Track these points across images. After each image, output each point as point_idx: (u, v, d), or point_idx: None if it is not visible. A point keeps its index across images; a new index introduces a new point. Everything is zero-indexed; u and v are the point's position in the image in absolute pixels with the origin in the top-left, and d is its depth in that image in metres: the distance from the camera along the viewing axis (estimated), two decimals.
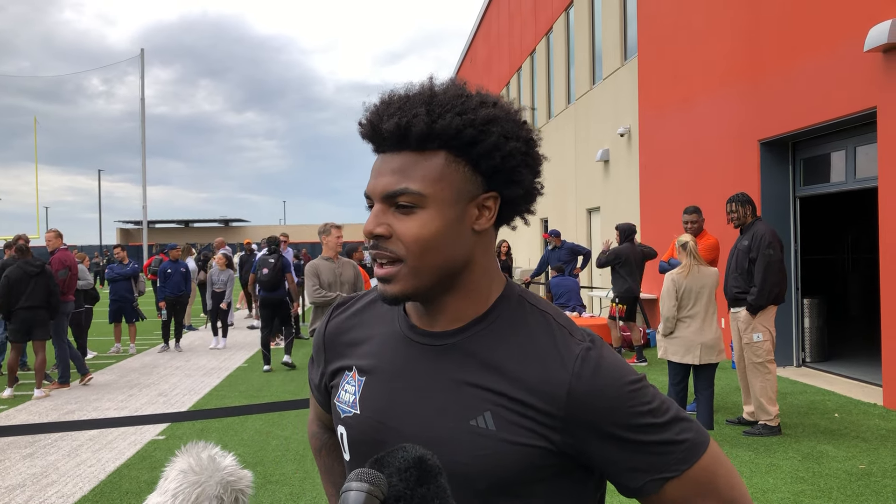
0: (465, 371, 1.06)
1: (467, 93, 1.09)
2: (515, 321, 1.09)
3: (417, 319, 1.13)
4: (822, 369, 8.85)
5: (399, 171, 1.04)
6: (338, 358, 1.22)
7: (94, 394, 8.74)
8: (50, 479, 5.47)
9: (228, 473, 1.05)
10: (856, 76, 7.27)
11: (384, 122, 1.05)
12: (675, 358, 5.81)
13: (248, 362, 10.93)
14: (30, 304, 8.36)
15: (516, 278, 16.98)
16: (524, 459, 1.02)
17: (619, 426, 1.01)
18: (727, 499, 1.06)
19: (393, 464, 0.87)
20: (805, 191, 9.01)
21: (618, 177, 14.24)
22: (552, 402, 1.02)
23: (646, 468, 1.02)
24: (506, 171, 1.07)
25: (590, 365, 1.03)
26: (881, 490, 4.72)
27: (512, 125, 1.08)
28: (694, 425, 1.06)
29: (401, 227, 1.04)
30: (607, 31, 14.84)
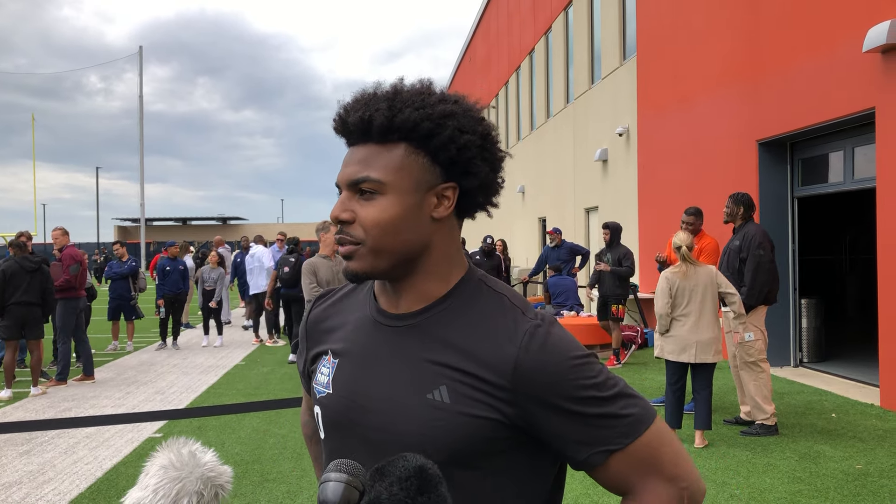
0: (425, 349, 1.13)
1: (430, 91, 1.17)
2: (473, 302, 1.16)
3: (384, 303, 1.21)
4: (819, 369, 8.86)
5: (363, 161, 1.13)
6: (317, 344, 1.30)
7: (91, 391, 8.73)
8: (47, 477, 5.46)
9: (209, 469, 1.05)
10: (854, 77, 7.27)
11: (350, 116, 1.15)
12: (671, 357, 5.81)
13: (245, 360, 10.92)
14: (25, 300, 8.27)
15: (514, 277, 16.99)
16: (478, 431, 1.08)
17: (563, 398, 1.07)
18: (670, 475, 1.11)
19: (394, 473, 0.89)
20: (803, 191, 9.02)
21: (616, 176, 14.24)
22: (501, 375, 1.08)
23: (590, 441, 1.08)
24: (462, 162, 1.14)
25: (537, 340, 1.09)
26: (878, 490, 4.73)
27: (468, 120, 1.15)
28: (640, 402, 1.11)
29: (362, 212, 1.13)
30: (606, 30, 14.83)
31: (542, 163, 20.02)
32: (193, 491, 1.03)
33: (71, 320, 9.08)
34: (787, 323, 9.19)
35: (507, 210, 24.97)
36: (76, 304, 9.15)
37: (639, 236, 12.92)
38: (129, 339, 12.34)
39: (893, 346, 6.86)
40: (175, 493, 1.01)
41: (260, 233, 16.28)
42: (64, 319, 9.02)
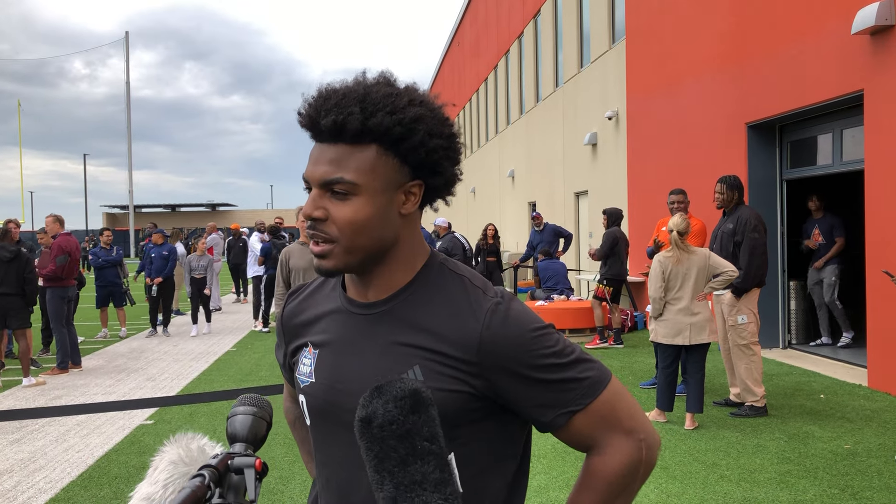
0: (396, 333, 1.21)
1: (397, 91, 1.19)
2: (436, 285, 1.24)
3: (354, 293, 1.28)
4: (807, 351, 8.93)
5: (335, 162, 1.16)
6: (295, 338, 1.36)
7: (81, 379, 8.70)
8: (38, 465, 5.45)
9: None
10: (843, 59, 7.28)
11: (322, 117, 1.16)
12: (665, 340, 5.83)
13: (236, 346, 10.91)
14: (3, 291, 8.12)
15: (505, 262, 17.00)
16: (451, 404, 1.15)
17: (525, 366, 1.16)
18: (628, 428, 1.20)
19: (390, 392, 0.95)
20: (792, 173, 9.04)
21: (605, 160, 14.24)
22: (467, 351, 1.16)
23: (553, 404, 1.18)
24: (430, 164, 1.20)
25: (499, 316, 1.17)
26: (866, 469, 4.78)
27: (436, 123, 1.20)
28: (596, 365, 1.21)
29: (336, 212, 1.17)
30: (595, 14, 14.79)
31: (532, 147, 20.00)
32: None
33: (61, 308, 9.00)
34: (776, 305, 9.25)
35: (497, 194, 24.96)
36: (64, 292, 9.04)
37: (628, 219, 12.94)
38: (122, 325, 12.30)
39: (881, 328, 6.91)
40: None
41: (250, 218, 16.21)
42: (54, 308, 8.95)
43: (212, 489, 0.98)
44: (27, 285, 8.34)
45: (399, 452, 0.93)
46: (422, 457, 0.93)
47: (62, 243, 9.05)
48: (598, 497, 1.19)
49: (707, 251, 5.92)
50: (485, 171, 27.77)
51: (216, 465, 1.00)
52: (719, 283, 5.87)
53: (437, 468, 0.93)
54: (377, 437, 0.94)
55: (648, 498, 4.42)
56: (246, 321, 14.08)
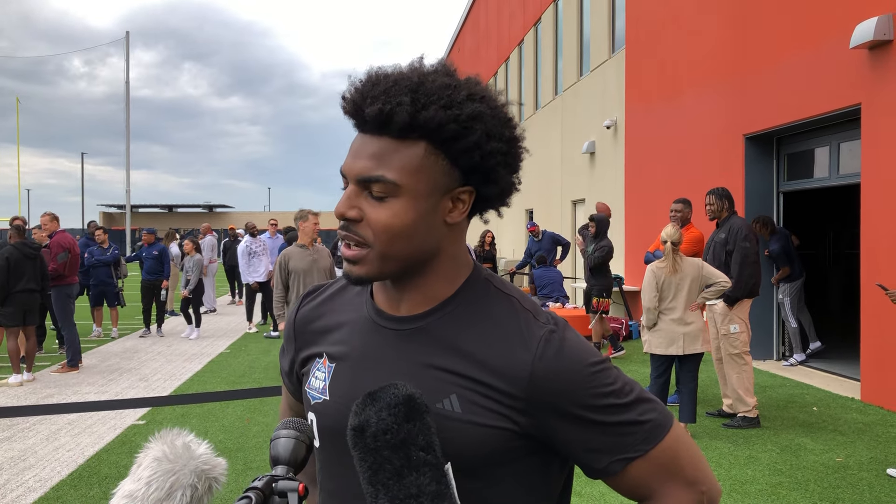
0: (431, 354, 1.07)
1: (456, 83, 1.06)
2: (480, 305, 1.10)
3: (384, 304, 1.14)
4: (800, 363, 8.93)
5: (377, 157, 1.03)
6: (308, 345, 1.22)
7: (73, 378, 8.67)
8: (28, 463, 5.43)
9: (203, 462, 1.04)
10: (841, 73, 7.31)
11: (367, 105, 1.03)
12: (658, 350, 5.83)
13: (230, 348, 10.88)
14: (29, 288, 8.22)
15: (501, 269, 17.01)
16: (490, 441, 1.03)
17: (581, 406, 1.03)
18: (691, 479, 1.08)
19: (384, 399, 0.92)
20: (789, 186, 9.06)
21: (603, 169, 14.26)
22: (515, 384, 1.03)
23: (609, 449, 1.04)
24: (484, 169, 1.06)
25: (552, 347, 1.04)
26: (857, 483, 4.78)
27: (496, 123, 1.07)
28: (657, 406, 1.07)
29: (372, 214, 1.03)
30: (595, 23, 14.83)
31: (530, 154, 19.99)
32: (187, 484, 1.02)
33: (68, 306, 9.07)
34: (770, 317, 9.25)
35: None
36: (70, 290, 9.13)
37: (625, 229, 12.96)
38: (113, 325, 12.27)
39: (874, 342, 6.92)
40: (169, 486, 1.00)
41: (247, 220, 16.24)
42: (61, 306, 9.01)
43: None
44: (45, 281, 8.44)
45: (394, 464, 0.89)
46: (418, 468, 0.89)
47: (60, 241, 9.12)
48: None
49: (700, 261, 5.93)
50: None
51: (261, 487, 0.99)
52: (712, 294, 5.88)
53: (434, 480, 0.90)
54: (371, 448, 0.90)
55: None
56: (241, 323, 14.05)
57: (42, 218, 9.50)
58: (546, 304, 11.22)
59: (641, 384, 6.12)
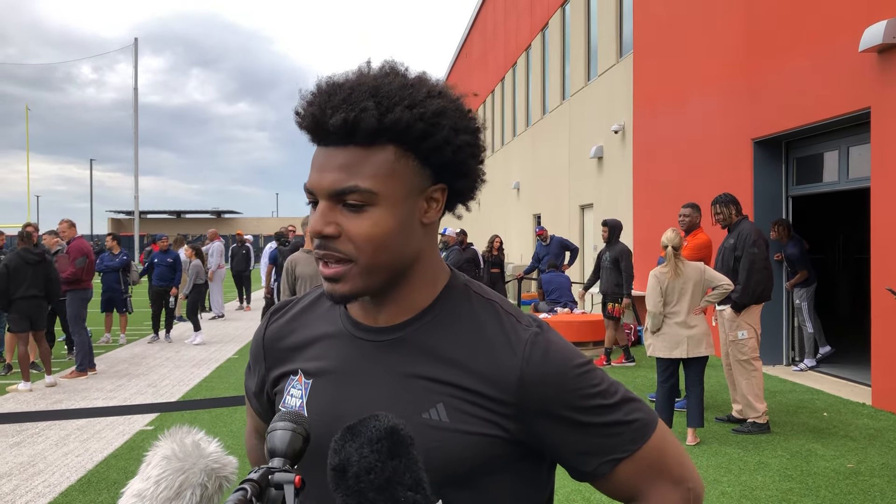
0: (414, 364, 1.04)
1: (412, 81, 1.03)
2: (462, 311, 1.08)
3: (361, 316, 1.10)
4: (811, 368, 8.87)
5: (346, 168, 0.99)
6: (280, 364, 1.17)
7: (82, 384, 8.70)
8: (37, 469, 5.44)
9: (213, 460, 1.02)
10: (850, 76, 7.28)
11: (329, 116, 0.99)
12: (662, 354, 5.82)
13: (238, 354, 10.89)
14: (31, 294, 8.23)
15: (508, 274, 16.98)
16: (479, 449, 1.01)
17: (570, 409, 1.01)
18: (677, 477, 1.07)
19: (364, 433, 0.86)
20: (797, 190, 9.03)
21: (611, 174, 14.24)
22: (504, 390, 1.01)
23: (598, 451, 1.03)
24: (456, 164, 1.04)
25: (539, 349, 1.02)
26: (868, 489, 4.74)
27: (460, 116, 1.04)
28: (642, 405, 1.07)
29: (351, 227, 0.99)
30: (603, 27, 14.82)
31: (538, 159, 20.02)
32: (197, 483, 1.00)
33: (82, 311, 9.15)
34: (780, 322, 9.21)
35: (502, 206, 24.97)
36: (84, 294, 9.21)
37: (633, 234, 12.93)
38: (121, 331, 12.31)
39: (885, 346, 6.87)
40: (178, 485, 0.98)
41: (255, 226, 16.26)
42: (75, 310, 9.09)
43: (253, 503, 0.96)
44: (52, 285, 8.44)
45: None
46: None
47: (79, 246, 9.26)
48: None
49: (702, 265, 5.91)
50: (490, 182, 27.75)
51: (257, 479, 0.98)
52: (715, 297, 5.87)
53: None
54: (354, 490, 0.84)
55: None
56: (249, 329, 14.07)
57: (60, 225, 9.62)
58: (554, 309, 11.20)
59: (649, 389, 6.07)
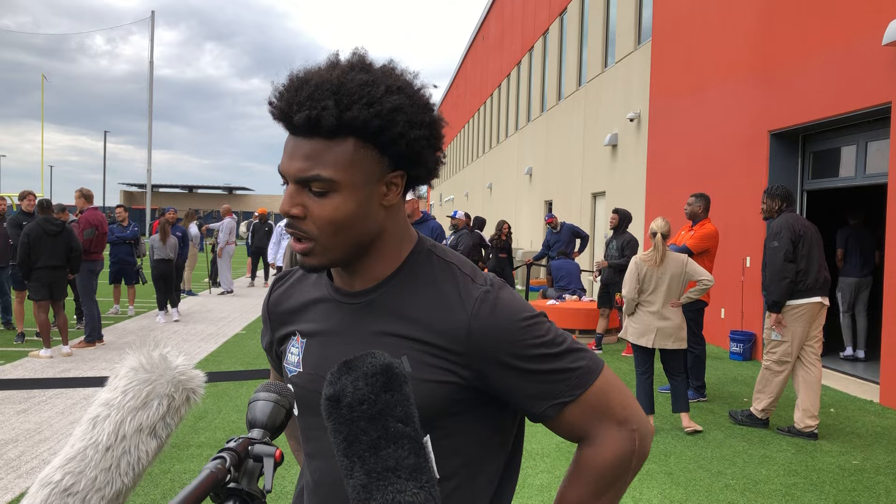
0: (383, 323, 1.18)
1: (373, 78, 1.13)
2: (424, 273, 1.21)
3: (340, 282, 1.25)
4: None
5: (311, 157, 1.11)
6: (282, 326, 1.34)
7: (90, 354, 8.75)
8: (43, 436, 5.48)
9: (180, 372, 1.03)
10: (872, 70, 7.18)
11: (294, 112, 1.11)
12: (632, 339, 5.86)
13: (245, 329, 10.93)
14: (51, 264, 8.29)
15: (518, 259, 16.96)
16: (440, 395, 1.14)
17: (515, 357, 1.13)
18: (620, 418, 1.18)
19: (360, 368, 0.89)
20: (813, 184, 8.94)
21: (625, 162, 14.15)
22: (456, 341, 1.14)
23: (544, 395, 1.15)
24: (411, 154, 1.15)
25: (487, 305, 1.15)
26: (873, 486, 4.72)
27: (416, 111, 1.14)
28: (588, 354, 1.18)
29: (315, 209, 1.13)
30: (622, 14, 14.68)
31: (551, 145, 19.91)
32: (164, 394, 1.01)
33: (91, 282, 9.20)
34: None
35: (513, 192, 24.89)
36: (93, 266, 9.25)
37: (645, 223, 12.86)
38: (130, 303, 12.37)
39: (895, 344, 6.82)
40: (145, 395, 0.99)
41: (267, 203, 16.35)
42: (84, 282, 9.13)
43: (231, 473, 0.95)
44: (73, 253, 8.49)
45: (370, 435, 0.86)
46: (395, 440, 0.87)
47: (89, 217, 9.31)
48: (589, 489, 1.17)
49: (685, 258, 5.82)
50: (502, 167, 27.69)
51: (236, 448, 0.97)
52: (696, 293, 5.81)
53: (412, 453, 0.87)
54: (346, 418, 0.87)
55: (651, 503, 4.38)
56: (257, 305, 14.12)
57: (75, 194, 9.63)
58: (563, 296, 11.18)
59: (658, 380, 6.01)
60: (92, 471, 0.93)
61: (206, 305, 13.85)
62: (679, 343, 5.74)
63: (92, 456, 0.94)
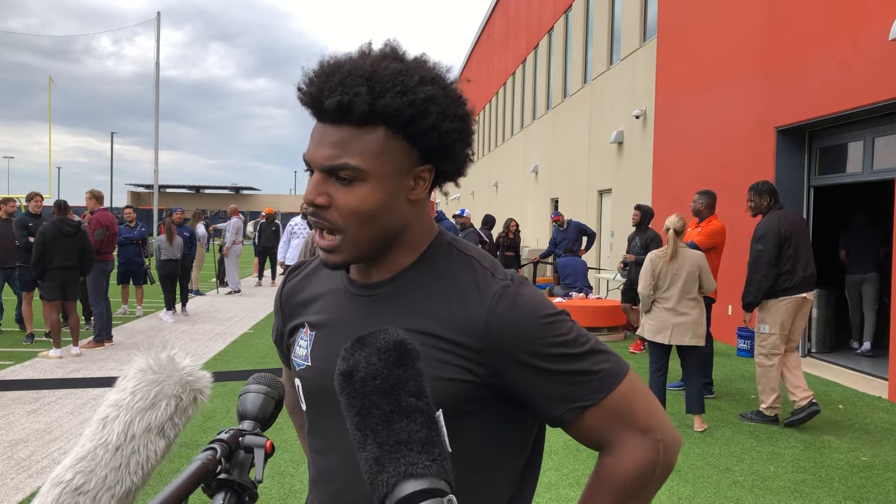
0: (397, 316, 1.14)
1: (407, 67, 1.11)
2: (442, 266, 1.17)
3: (356, 274, 1.22)
4: (828, 360, 8.81)
5: (339, 145, 1.08)
6: (293, 317, 1.31)
7: (99, 354, 8.79)
8: (53, 436, 5.51)
9: (187, 373, 1.05)
10: (878, 65, 7.15)
11: (325, 97, 1.08)
12: (649, 335, 5.85)
13: (253, 329, 10.96)
14: (65, 265, 8.36)
15: (524, 257, 16.96)
16: (454, 393, 1.09)
17: (534, 356, 1.08)
18: (644, 426, 1.12)
19: (374, 343, 0.89)
20: (820, 180, 8.91)
21: (631, 159, 14.13)
22: (473, 337, 1.09)
23: (563, 397, 1.10)
24: (442, 147, 1.12)
25: (506, 300, 1.10)
26: (882, 483, 4.70)
27: (449, 104, 1.12)
28: (612, 357, 1.12)
29: (341, 199, 1.09)
30: (627, 11, 14.66)
31: (557, 143, 19.89)
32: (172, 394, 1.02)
33: (101, 282, 9.25)
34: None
35: (519, 189, 24.88)
36: (104, 266, 9.32)
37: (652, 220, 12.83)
38: (138, 303, 12.41)
39: None
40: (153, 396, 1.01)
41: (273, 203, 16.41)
42: (95, 282, 9.19)
43: (222, 464, 0.96)
44: (86, 255, 8.58)
45: (383, 409, 0.86)
46: (408, 414, 0.87)
47: (100, 218, 9.39)
48: (610, 499, 1.12)
49: (703, 257, 5.84)
50: (508, 165, 27.68)
51: (227, 440, 0.99)
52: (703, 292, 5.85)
53: (425, 426, 0.87)
54: (359, 392, 0.87)
55: (659, 500, 4.38)
56: (264, 304, 14.15)
57: (86, 195, 9.70)
58: (569, 294, 11.17)
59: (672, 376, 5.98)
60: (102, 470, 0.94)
61: (214, 305, 13.90)
62: (697, 339, 5.75)
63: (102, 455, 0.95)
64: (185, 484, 0.88)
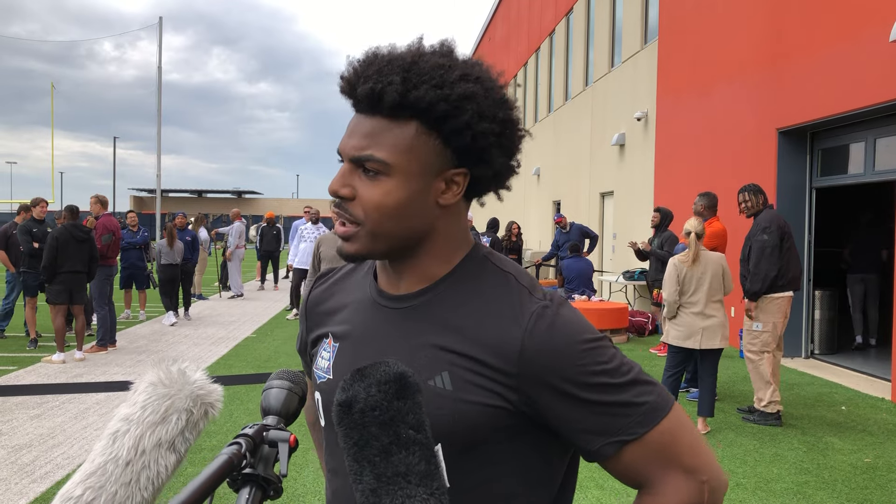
0: (425, 331, 1.07)
1: (451, 63, 1.06)
2: (476, 282, 1.10)
3: (385, 284, 1.15)
4: (830, 361, 8.80)
5: (369, 136, 1.04)
6: (317, 326, 1.25)
7: (102, 358, 8.80)
8: (56, 441, 5.52)
9: (198, 387, 1.04)
10: (880, 66, 7.15)
11: (359, 84, 1.05)
12: (676, 342, 5.81)
13: (256, 333, 10.97)
14: (75, 269, 8.45)
15: (527, 260, 16.96)
16: (481, 419, 1.02)
17: (572, 384, 1.00)
18: (689, 466, 1.03)
19: (373, 375, 0.88)
20: (822, 181, 8.91)
21: (633, 161, 14.13)
22: (506, 360, 1.01)
23: (601, 430, 1.01)
24: (476, 150, 1.06)
25: (544, 322, 1.02)
26: (886, 484, 4.70)
27: (489, 104, 1.06)
28: (656, 389, 1.04)
29: (364, 192, 1.05)
30: (628, 13, 14.67)
31: (559, 145, 19.90)
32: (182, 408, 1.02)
33: (105, 287, 9.33)
34: (801, 314, 9.12)
35: (521, 192, 24.88)
36: (109, 271, 9.43)
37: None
38: (141, 307, 12.43)
39: None
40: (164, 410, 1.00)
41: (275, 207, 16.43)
42: (99, 287, 9.26)
43: (247, 458, 0.97)
44: (93, 262, 8.68)
45: (381, 441, 0.86)
46: (406, 446, 0.86)
47: (106, 223, 9.51)
48: None
49: (723, 256, 5.87)
50: None
51: (252, 434, 0.99)
52: None
53: (423, 459, 0.86)
54: (358, 423, 0.87)
55: None
56: (268, 308, 14.16)
57: (90, 200, 9.77)
58: (572, 296, 11.16)
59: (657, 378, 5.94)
60: (112, 485, 0.94)
61: (217, 309, 13.91)
62: (724, 341, 5.77)
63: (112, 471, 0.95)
64: (211, 478, 0.88)
